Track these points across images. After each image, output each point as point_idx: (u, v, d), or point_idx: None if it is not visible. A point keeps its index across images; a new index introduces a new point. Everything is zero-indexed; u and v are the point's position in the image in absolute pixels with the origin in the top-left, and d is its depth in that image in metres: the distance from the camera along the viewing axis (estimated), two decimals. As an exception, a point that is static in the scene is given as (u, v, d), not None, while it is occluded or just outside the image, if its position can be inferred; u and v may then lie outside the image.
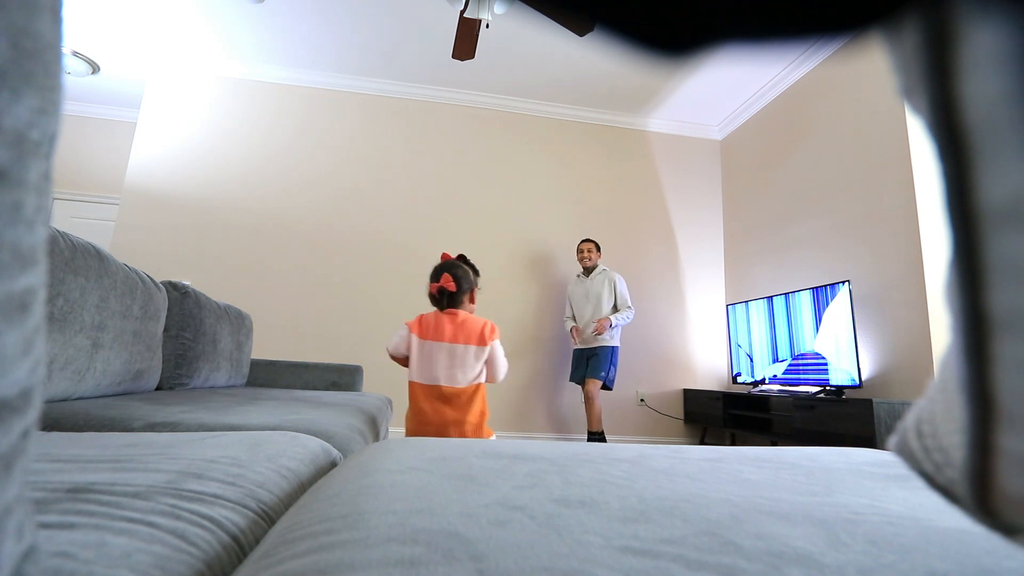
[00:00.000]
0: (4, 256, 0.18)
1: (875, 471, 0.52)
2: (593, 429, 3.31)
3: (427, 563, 0.24)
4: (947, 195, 0.14)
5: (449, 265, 1.74)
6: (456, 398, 1.60)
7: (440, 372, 1.60)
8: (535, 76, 3.84)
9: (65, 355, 1.11)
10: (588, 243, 3.62)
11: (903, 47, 0.14)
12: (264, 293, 3.65)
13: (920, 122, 0.15)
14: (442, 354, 1.62)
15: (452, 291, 1.67)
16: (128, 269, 1.40)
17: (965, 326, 0.14)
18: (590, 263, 3.58)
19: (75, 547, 0.29)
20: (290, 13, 3.32)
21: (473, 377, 1.62)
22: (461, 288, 1.69)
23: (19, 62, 0.18)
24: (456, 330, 1.64)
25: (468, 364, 1.62)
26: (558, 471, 0.44)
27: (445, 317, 1.67)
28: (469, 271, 1.76)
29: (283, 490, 0.51)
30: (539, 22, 3.22)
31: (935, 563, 0.26)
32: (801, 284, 3.35)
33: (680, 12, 0.13)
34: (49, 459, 0.46)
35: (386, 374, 3.66)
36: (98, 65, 3.92)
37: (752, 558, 0.26)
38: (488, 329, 1.66)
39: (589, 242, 3.63)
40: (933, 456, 0.18)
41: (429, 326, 1.67)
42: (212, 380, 1.94)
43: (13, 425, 0.18)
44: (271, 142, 3.88)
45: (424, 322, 1.69)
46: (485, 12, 2.44)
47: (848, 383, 2.68)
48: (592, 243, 3.62)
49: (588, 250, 3.59)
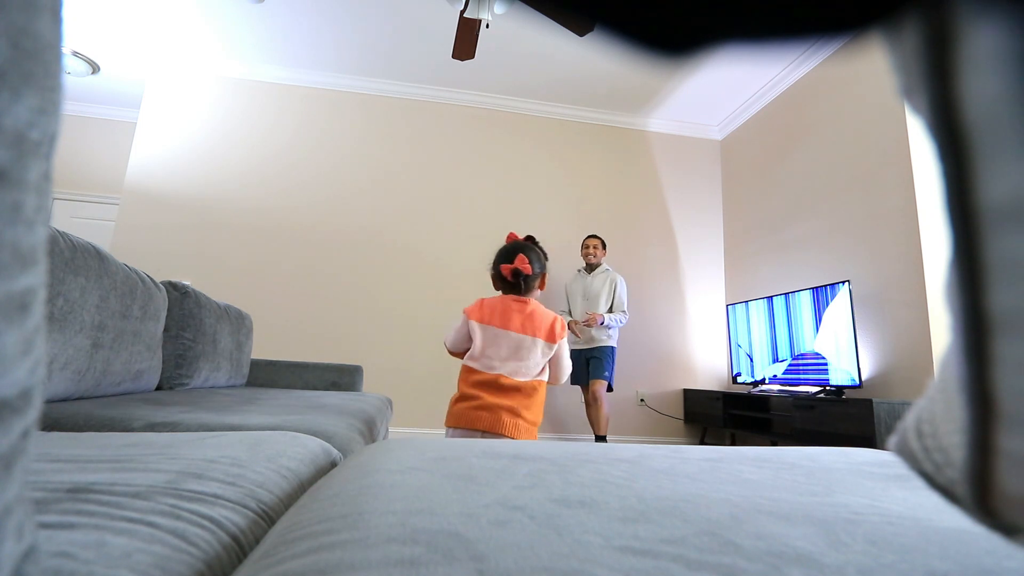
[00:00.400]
0: (4, 256, 0.18)
1: (875, 471, 0.52)
2: (601, 433, 3.23)
3: (427, 563, 0.24)
4: (947, 195, 0.14)
5: (522, 246, 1.57)
6: (516, 392, 1.44)
7: (501, 362, 1.45)
8: (535, 76, 3.84)
9: (65, 355, 1.11)
10: (595, 239, 3.55)
11: (903, 47, 0.14)
12: (264, 293, 3.65)
13: (920, 122, 0.15)
14: (506, 343, 1.46)
15: (528, 273, 1.51)
16: (128, 269, 1.40)
17: (965, 326, 0.14)
18: (595, 260, 3.52)
19: (75, 547, 0.29)
20: (290, 13, 3.32)
21: (536, 373, 1.47)
22: (534, 272, 1.54)
23: (19, 62, 0.18)
24: (524, 320, 1.49)
25: (534, 358, 1.46)
26: (558, 471, 0.44)
27: (513, 304, 1.51)
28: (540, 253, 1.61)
29: (283, 490, 0.51)
30: (539, 22, 3.22)
31: (935, 563, 0.26)
32: (801, 284, 3.35)
33: (680, 12, 0.13)
34: (49, 459, 0.46)
35: (386, 374, 3.66)
36: (98, 65, 3.92)
37: (752, 558, 0.26)
38: (559, 325, 1.52)
39: (596, 238, 3.56)
40: (933, 456, 0.18)
41: (494, 311, 1.51)
42: (212, 380, 1.94)
43: (13, 425, 0.18)
44: (271, 142, 3.89)
45: (487, 306, 1.52)
46: (485, 12, 2.44)
47: (848, 383, 2.68)
48: (598, 240, 3.56)
49: (594, 246, 3.52)
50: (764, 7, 0.12)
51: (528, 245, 1.59)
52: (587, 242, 3.56)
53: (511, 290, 1.54)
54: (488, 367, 1.45)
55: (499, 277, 1.55)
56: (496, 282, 1.58)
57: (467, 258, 3.90)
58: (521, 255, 1.52)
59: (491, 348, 1.47)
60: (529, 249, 1.56)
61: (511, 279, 1.52)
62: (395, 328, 3.75)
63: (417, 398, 3.66)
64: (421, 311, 3.79)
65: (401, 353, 3.71)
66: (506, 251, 1.56)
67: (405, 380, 3.67)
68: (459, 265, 3.89)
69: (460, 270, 3.88)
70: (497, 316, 1.49)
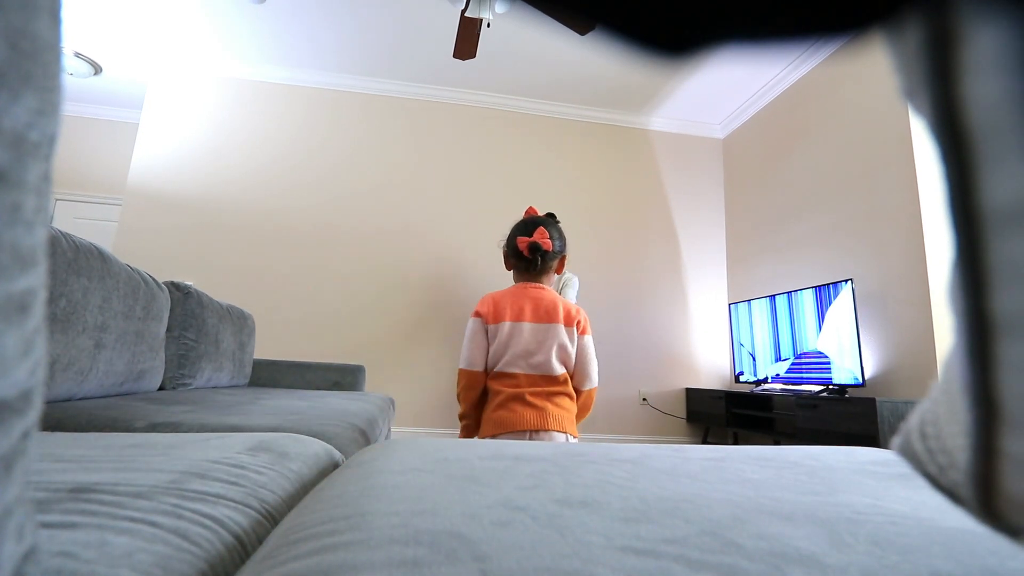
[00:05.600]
0: (4, 257, 0.18)
1: (878, 470, 0.52)
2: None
3: (430, 564, 0.24)
4: (950, 197, 0.14)
5: (542, 220, 1.41)
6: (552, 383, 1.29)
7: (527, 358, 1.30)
8: (536, 75, 3.84)
9: (68, 356, 1.12)
10: None
11: (905, 48, 0.14)
12: (267, 293, 3.66)
13: (923, 123, 0.15)
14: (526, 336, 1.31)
15: (547, 249, 1.36)
16: (131, 270, 1.41)
17: (969, 328, 0.14)
18: None
19: (77, 547, 0.29)
20: (292, 13, 3.32)
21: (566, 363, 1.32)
22: (554, 249, 1.38)
23: (18, 63, 0.18)
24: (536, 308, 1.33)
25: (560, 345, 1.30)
26: (560, 471, 0.44)
27: (527, 291, 1.35)
28: (561, 232, 1.46)
29: (286, 491, 0.51)
30: (540, 21, 3.21)
31: (938, 563, 0.26)
32: (804, 283, 3.34)
33: (680, 12, 0.13)
34: (52, 459, 0.46)
35: (389, 374, 3.66)
36: (100, 66, 3.93)
37: (754, 558, 0.26)
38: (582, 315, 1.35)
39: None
40: (937, 458, 0.18)
41: (506, 304, 1.34)
42: (215, 380, 1.94)
43: (13, 426, 0.18)
44: (273, 142, 3.89)
45: (497, 301, 1.36)
46: (486, 11, 2.44)
47: (851, 382, 2.67)
48: None
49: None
50: (764, 7, 0.12)
51: (549, 220, 1.44)
52: None
53: (525, 269, 1.38)
54: (515, 365, 1.31)
55: (513, 253, 1.39)
56: (508, 260, 1.42)
57: (469, 258, 3.90)
58: (542, 228, 1.37)
59: (513, 346, 1.31)
60: (551, 224, 1.41)
61: (528, 254, 1.37)
62: (397, 328, 3.75)
63: (419, 398, 3.66)
64: (423, 310, 3.79)
65: (403, 353, 3.71)
66: (524, 224, 1.40)
67: (407, 380, 3.67)
68: (461, 264, 3.89)
69: (462, 269, 3.88)
70: (509, 310, 1.34)
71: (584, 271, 3.96)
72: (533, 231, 1.37)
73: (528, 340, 1.31)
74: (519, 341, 1.31)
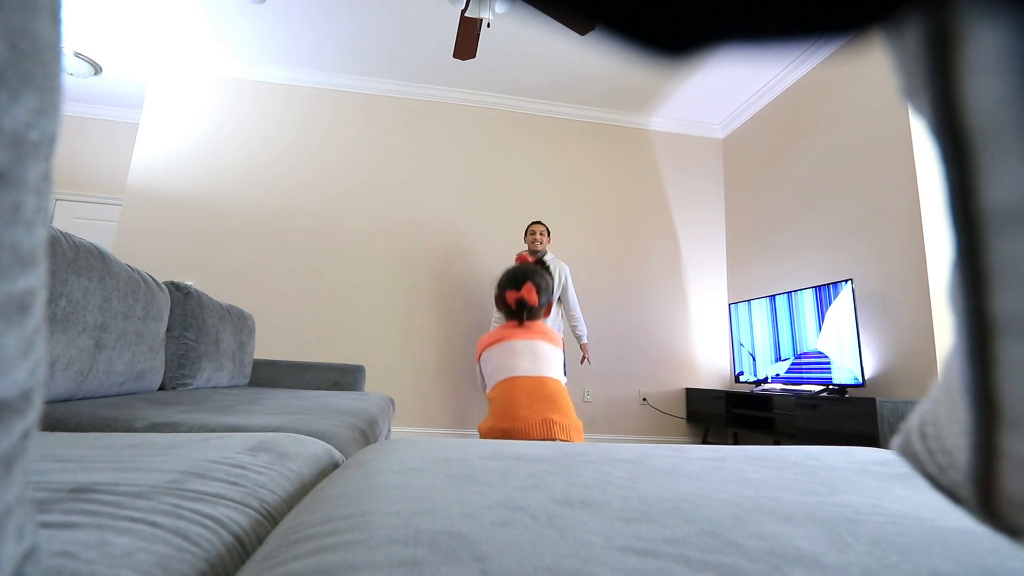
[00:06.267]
0: (4, 257, 0.18)
1: (878, 470, 0.52)
2: None
3: (430, 564, 0.24)
4: (950, 197, 0.14)
5: (531, 271, 1.47)
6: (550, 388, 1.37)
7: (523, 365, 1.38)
8: (536, 75, 3.84)
9: (68, 355, 1.12)
10: (540, 225, 3.34)
11: (905, 48, 0.14)
12: (266, 293, 3.66)
13: (923, 123, 0.15)
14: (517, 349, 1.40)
15: (533, 306, 1.43)
16: (131, 270, 1.41)
17: (969, 329, 0.14)
18: (540, 247, 3.30)
19: (77, 546, 0.29)
20: (292, 13, 3.32)
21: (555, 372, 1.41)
22: (541, 303, 1.45)
23: (17, 63, 0.18)
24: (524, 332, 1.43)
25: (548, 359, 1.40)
26: (560, 471, 0.44)
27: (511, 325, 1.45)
28: (551, 279, 1.52)
29: (286, 491, 0.51)
30: (540, 21, 3.21)
31: (938, 563, 0.26)
32: (804, 283, 3.34)
33: (680, 12, 0.13)
34: (52, 459, 0.46)
35: (389, 374, 3.66)
36: (100, 66, 3.93)
37: (754, 558, 0.26)
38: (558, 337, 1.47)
39: (541, 224, 3.35)
40: (937, 458, 0.18)
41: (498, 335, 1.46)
42: (215, 380, 1.94)
43: (13, 426, 0.18)
44: (273, 142, 3.89)
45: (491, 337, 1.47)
46: (486, 11, 2.44)
47: (851, 382, 2.67)
48: (544, 226, 3.35)
49: (540, 232, 3.30)
50: (764, 7, 0.12)
51: (538, 271, 1.50)
52: (532, 228, 3.32)
53: (512, 317, 1.47)
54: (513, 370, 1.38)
55: (503, 302, 1.48)
56: (499, 304, 1.50)
57: (469, 258, 3.90)
58: (529, 283, 1.42)
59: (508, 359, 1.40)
60: (538, 276, 1.47)
61: (514, 308, 1.44)
62: (397, 328, 3.75)
63: (419, 398, 3.66)
64: (423, 311, 3.79)
65: (403, 353, 3.71)
66: (514, 276, 1.47)
67: (407, 380, 3.68)
68: (461, 265, 3.89)
69: (462, 270, 3.88)
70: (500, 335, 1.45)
71: (584, 271, 3.96)
72: (521, 286, 1.43)
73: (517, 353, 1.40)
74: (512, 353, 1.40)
